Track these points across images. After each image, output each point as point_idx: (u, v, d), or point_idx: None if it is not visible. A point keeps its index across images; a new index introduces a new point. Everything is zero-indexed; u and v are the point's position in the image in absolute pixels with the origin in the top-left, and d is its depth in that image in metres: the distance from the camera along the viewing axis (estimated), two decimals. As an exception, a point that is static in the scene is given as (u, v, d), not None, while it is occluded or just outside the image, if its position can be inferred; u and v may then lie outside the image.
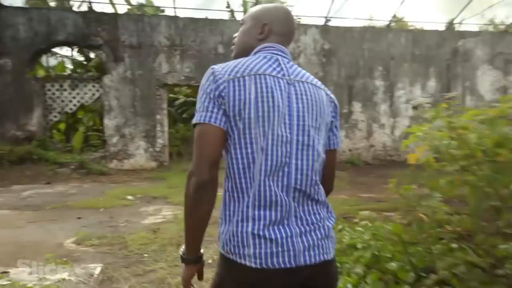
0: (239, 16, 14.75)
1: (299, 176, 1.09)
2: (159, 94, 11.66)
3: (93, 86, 11.50)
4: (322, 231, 1.11)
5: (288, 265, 1.03)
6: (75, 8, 12.42)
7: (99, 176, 10.04)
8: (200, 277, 1.22)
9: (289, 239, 1.05)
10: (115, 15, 11.60)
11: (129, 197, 7.20)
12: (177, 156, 12.56)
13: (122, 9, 15.93)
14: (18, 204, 6.69)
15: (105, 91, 11.34)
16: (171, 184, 8.51)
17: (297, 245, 1.05)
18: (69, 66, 14.06)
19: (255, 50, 1.24)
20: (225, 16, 15.04)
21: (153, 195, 7.40)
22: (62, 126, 14.61)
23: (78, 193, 7.75)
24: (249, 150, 1.07)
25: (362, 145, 13.04)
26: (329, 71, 12.78)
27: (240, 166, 1.08)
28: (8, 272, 3.07)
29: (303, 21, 13.71)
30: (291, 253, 1.04)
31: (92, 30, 11.21)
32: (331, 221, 1.16)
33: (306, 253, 1.06)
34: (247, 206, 1.06)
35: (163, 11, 13.51)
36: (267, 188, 1.06)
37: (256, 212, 1.05)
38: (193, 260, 1.15)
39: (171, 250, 4.07)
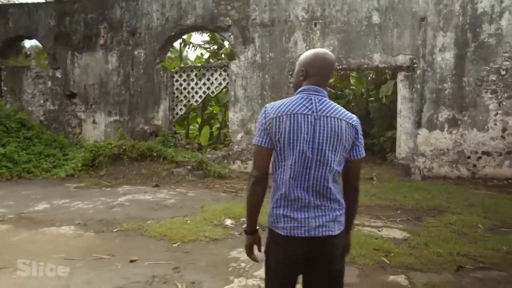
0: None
1: (315, 182, 1.57)
2: (292, 81, 8.98)
3: (220, 75, 9.63)
4: (330, 217, 1.58)
5: (304, 235, 1.55)
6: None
7: (216, 179, 7.99)
8: (259, 249, 1.73)
9: (306, 220, 1.56)
10: (246, -11, 9.43)
11: (228, 223, 4.65)
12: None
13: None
14: (94, 218, 4.94)
15: (232, 79, 9.31)
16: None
17: (311, 224, 1.56)
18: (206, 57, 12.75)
19: (299, 89, 1.68)
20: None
21: (262, 222, 4.66)
22: (199, 121, 13.59)
23: (173, 206, 5.68)
24: (283, 163, 1.59)
25: None
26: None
27: (278, 171, 1.61)
28: None
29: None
30: (307, 228, 1.55)
31: (221, 10, 9.32)
32: (339, 212, 1.61)
33: (316, 229, 1.55)
34: (280, 198, 1.60)
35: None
36: (292, 190, 1.57)
37: (285, 203, 1.59)
38: (250, 232, 1.70)
39: None
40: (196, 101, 9.86)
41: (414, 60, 8.42)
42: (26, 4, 10.21)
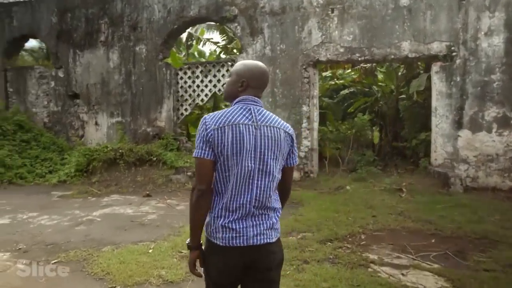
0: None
1: (259, 192, 1.54)
2: (307, 76, 7.69)
3: (227, 71, 8.53)
4: (267, 225, 1.56)
5: (242, 244, 1.51)
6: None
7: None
8: (201, 264, 1.59)
9: (244, 229, 1.52)
10: (256, -25, 8.26)
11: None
12: (332, 164, 8.29)
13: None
14: (44, 240, 3.98)
15: (239, 75, 8.16)
16: (309, 218, 4.50)
17: (249, 233, 1.52)
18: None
19: (237, 100, 1.62)
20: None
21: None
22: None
23: (149, 224, 4.62)
24: (227, 174, 1.54)
25: None
26: None
27: (221, 182, 1.55)
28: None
29: None
30: (245, 237, 1.52)
31: (227, -1, 8.23)
32: (276, 219, 1.61)
33: (255, 238, 1.53)
34: (220, 208, 1.54)
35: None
36: (234, 199, 1.53)
37: (226, 213, 1.53)
38: (195, 247, 1.58)
39: None
40: (202, 100, 8.81)
41: (453, 48, 6.86)
42: (29, 1, 9.63)
